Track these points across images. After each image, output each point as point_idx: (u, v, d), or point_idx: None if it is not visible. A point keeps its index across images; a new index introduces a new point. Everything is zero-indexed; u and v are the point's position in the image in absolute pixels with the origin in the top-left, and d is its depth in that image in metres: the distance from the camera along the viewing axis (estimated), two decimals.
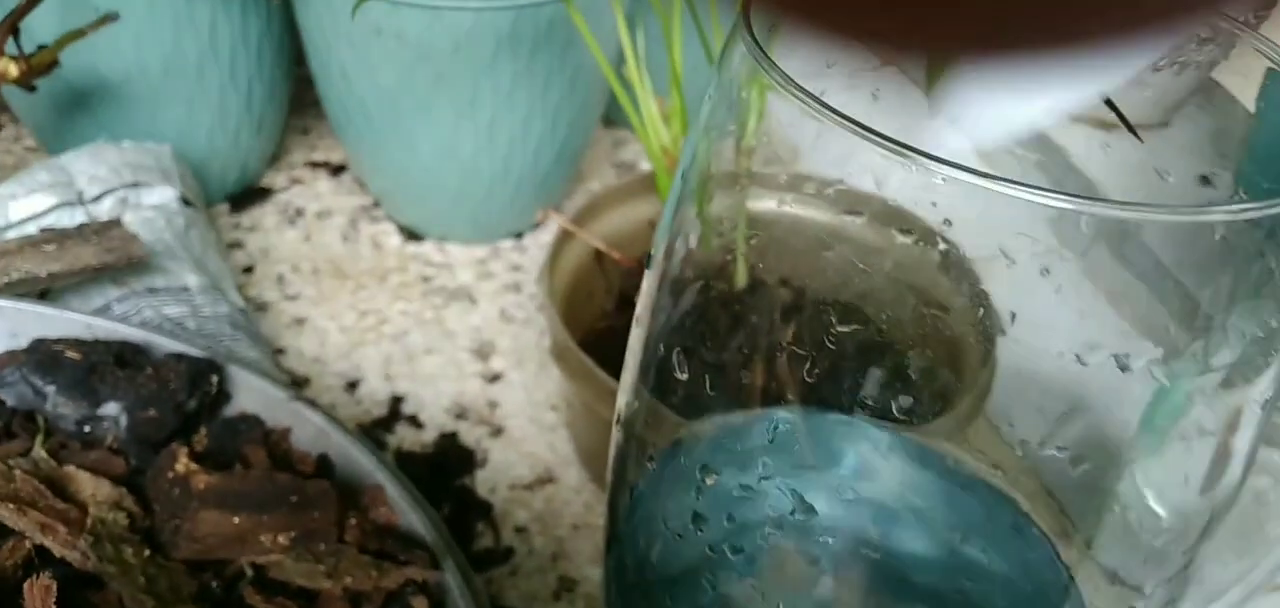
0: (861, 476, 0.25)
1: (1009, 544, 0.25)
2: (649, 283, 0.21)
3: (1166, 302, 0.20)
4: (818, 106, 0.17)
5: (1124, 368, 0.18)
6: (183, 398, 0.29)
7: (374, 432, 0.39)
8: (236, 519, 0.26)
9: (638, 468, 0.22)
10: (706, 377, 0.22)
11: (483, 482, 0.38)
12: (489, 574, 0.35)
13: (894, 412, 0.24)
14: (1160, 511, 0.20)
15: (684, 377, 0.21)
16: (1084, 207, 0.15)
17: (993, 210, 0.17)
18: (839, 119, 0.16)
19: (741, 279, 0.24)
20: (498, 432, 0.40)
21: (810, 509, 0.23)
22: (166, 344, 0.32)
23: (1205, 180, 0.25)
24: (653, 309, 0.21)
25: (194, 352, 0.31)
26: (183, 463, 0.27)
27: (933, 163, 0.16)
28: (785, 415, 0.24)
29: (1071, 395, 0.20)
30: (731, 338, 0.23)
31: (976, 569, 0.25)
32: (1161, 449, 0.19)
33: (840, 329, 0.23)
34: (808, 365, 0.24)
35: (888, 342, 0.24)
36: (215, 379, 0.30)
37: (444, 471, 0.38)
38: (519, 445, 0.39)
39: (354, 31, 0.37)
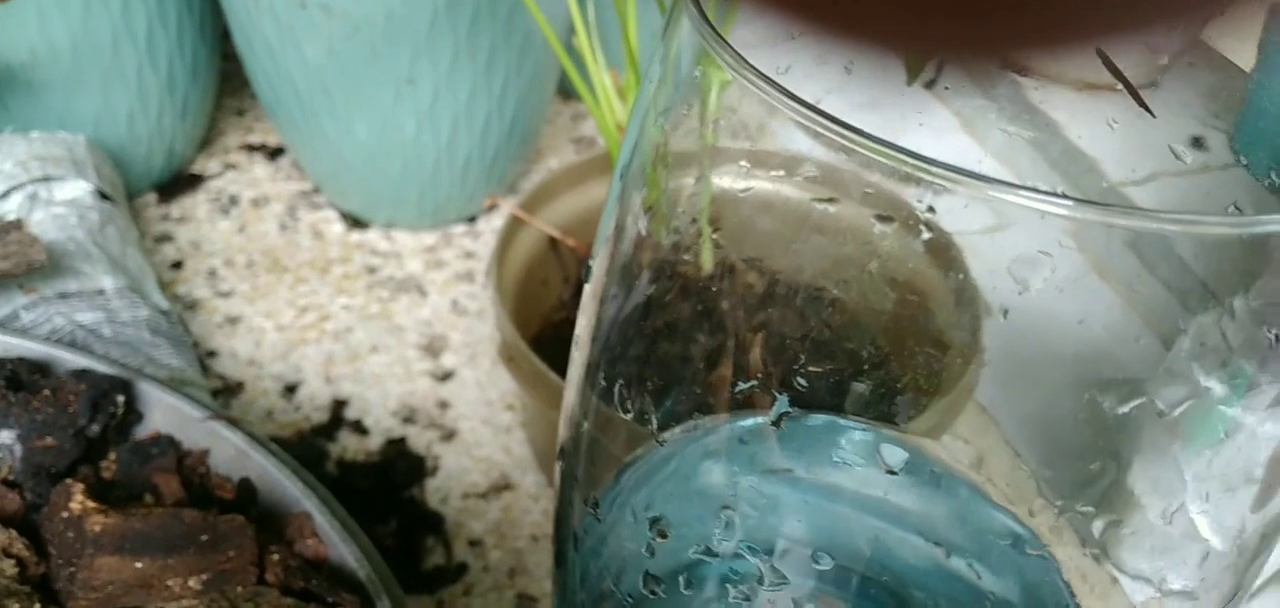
0: (831, 485, 0.23)
1: (1004, 559, 0.23)
2: (588, 297, 0.18)
3: (1195, 307, 0.17)
4: (775, 93, 0.14)
5: (1168, 377, 0.16)
6: (84, 422, 0.26)
7: (314, 440, 0.36)
8: (138, 564, 0.23)
9: (582, 515, 0.19)
10: (656, 396, 0.19)
11: (433, 492, 0.35)
12: (440, 596, 0.32)
13: (865, 408, 0.21)
14: (1210, 534, 0.17)
15: (632, 396, 0.19)
16: (1106, 217, 0.13)
17: (982, 201, 0.15)
18: (802, 110, 0.14)
19: (706, 264, 0.21)
20: (449, 435, 0.37)
21: (763, 537, 0.21)
22: (71, 360, 0.29)
23: (1197, 142, 0.22)
24: (593, 330, 0.18)
25: (100, 368, 0.28)
26: (78, 502, 0.24)
27: (922, 166, 0.13)
28: (742, 421, 0.21)
29: (1102, 417, 0.18)
30: (687, 345, 0.20)
31: (965, 588, 0.23)
32: (1209, 466, 0.17)
33: (798, 313, 0.21)
34: (765, 359, 0.21)
35: (861, 330, 0.22)
36: (121, 399, 0.27)
37: (391, 481, 0.35)
38: (472, 450, 0.37)
39: (276, 3, 0.34)
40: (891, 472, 0.21)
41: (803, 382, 0.19)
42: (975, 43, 0.07)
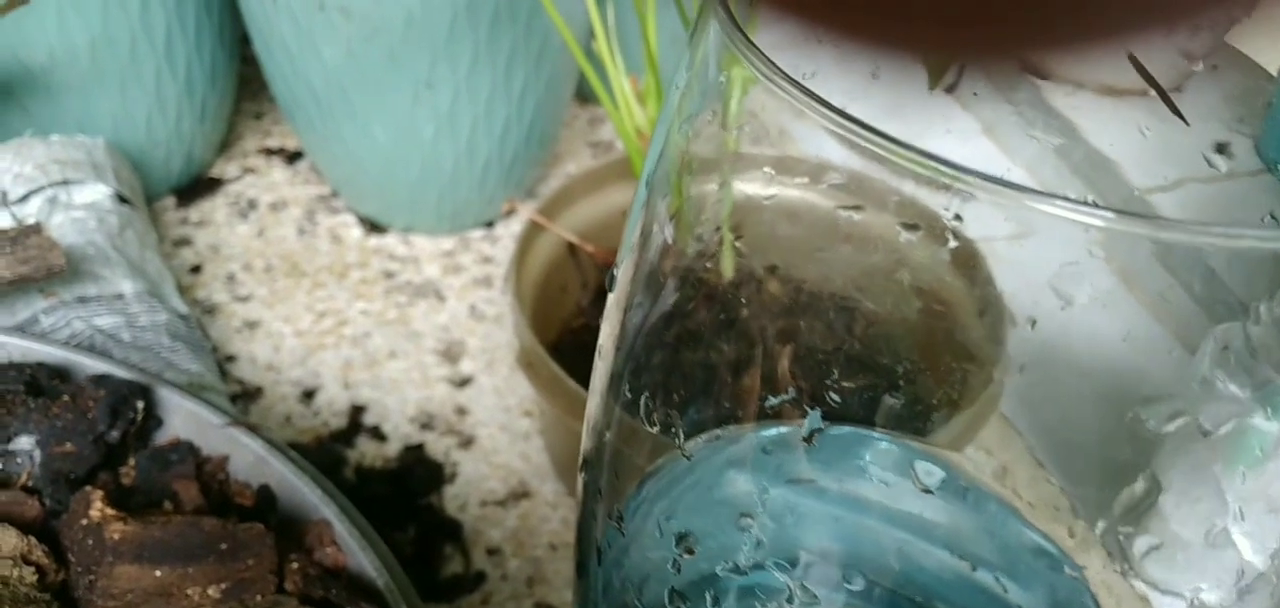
0: (856, 497, 0.22)
1: (1031, 573, 0.22)
2: (612, 306, 0.18)
3: (1224, 318, 0.17)
4: (804, 99, 0.13)
5: (1208, 393, 0.16)
6: (103, 428, 0.26)
7: (332, 446, 0.36)
8: (158, 573, 0.23)
9: (605, 527, 0.19)
10: (681, 407, 0.19)
11: (451, 499, 0.35)
12: (459, 604, 0.32)
13: (898, 423, 0.21)
14: (1251, 555, 0.17)
15: (656, 406, 0.18)
16: (1149, 230, 0.12)
17: (1017, 211, 0.14)
18: (832, 116, 0.13)
19: (727, 272, 0.21)
20: (467, 442, 0.37)
21: (788, 549, 0.20)
22: (90, 365, 0.29)
23: (1222, 148, 0.22)
24: (617, 339, 0.18)
25: (119, 373, 0.28)
26: (97, 509, 0.24)
27: (955, 173, 0.13)
28: (766, 431, 0.21)
29: (1133, 438, 0.17)
30: (712, 355, 0.20)
31: (991, 602, 0.22)
32: (1247, 484, 0.16)
33: (824, 323, 0.20)
34: (791, 369, 0.21)
35: (886, 340, 0.21)
36: (140, 405, 0.27)
37: (408, 488, 0.35)
38: (490, 457, 0.36)
39: (295, 5, 0.34)
40: (927, 490, 0.20)
41: (835, 397, 0.19)
42: (996, 45, 0.07)
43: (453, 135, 0.38)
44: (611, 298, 0.18)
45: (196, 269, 0.41)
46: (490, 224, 0.44)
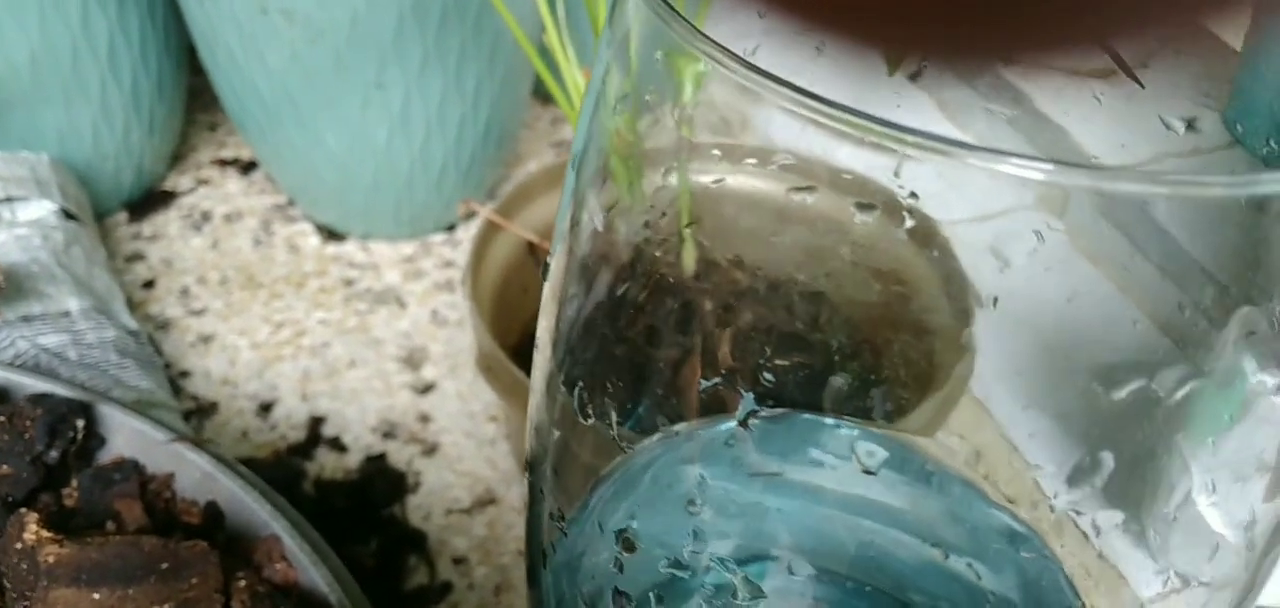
0: (820, 488, 0.22)
1: (1003, 557, 0.22)
2: (547, 297, 0.17)
3: (1190, 285, 0.16)
4: (739, 69, 0.13)
5: (1167, 360, 0.15)
6: (41, 448, 0.25)
7: (291, 460, 0.35)
8: (96, 595, 0.22)
9: (552, 499, 0.18)
10: (622, 381, 0.18)
11: (415, 509, 0.34)
12: None
13: (856, 407, 0.20)
14: (1215, 525, 0.16)
15: (596, 401, 0.18)
16: (1093, 181, 0.12)
17: (968, 178, 0.14)
18: (768, 83, 0.13)
19: (688, 264, 0.20)
20: (431, 450, 0.36)
21: (752, 546, 0.20)
22: (29, 384, 0.28)
23: (1190, 124, 0.21)
24: (553, 333, 0.17)
25: (59, 392, 0.27)
26: (32, 531, 0.23)
27: (895, 133, 0.12)
28: (722, 425, 0.20)
29: (1087, 392, 0.17)
30: (654, 331, 0.19)
31: (964, 588, 0.22)
32: (1214, 448, 0.16)
33: (781, 310, 0.20)
34: (748, 359, 0.20)
35: (848, 326, 0.21)
36: (81, 423, 0.26)
37: (370, 500, 0.34)
38: (455, 464, 0.35)
39: (237, 11, 0.33)
40: (868, 471, 0.20)
41: (769, 377, 0.18)
42: (970, 45, 0.07)
43: (406, 138, 0.37)
44: (547, 288, 0.17)
45: (149, 284, 0.40)
46: (451, 228, 0.43)
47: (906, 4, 0.06)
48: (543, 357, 0.17)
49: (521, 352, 0.34)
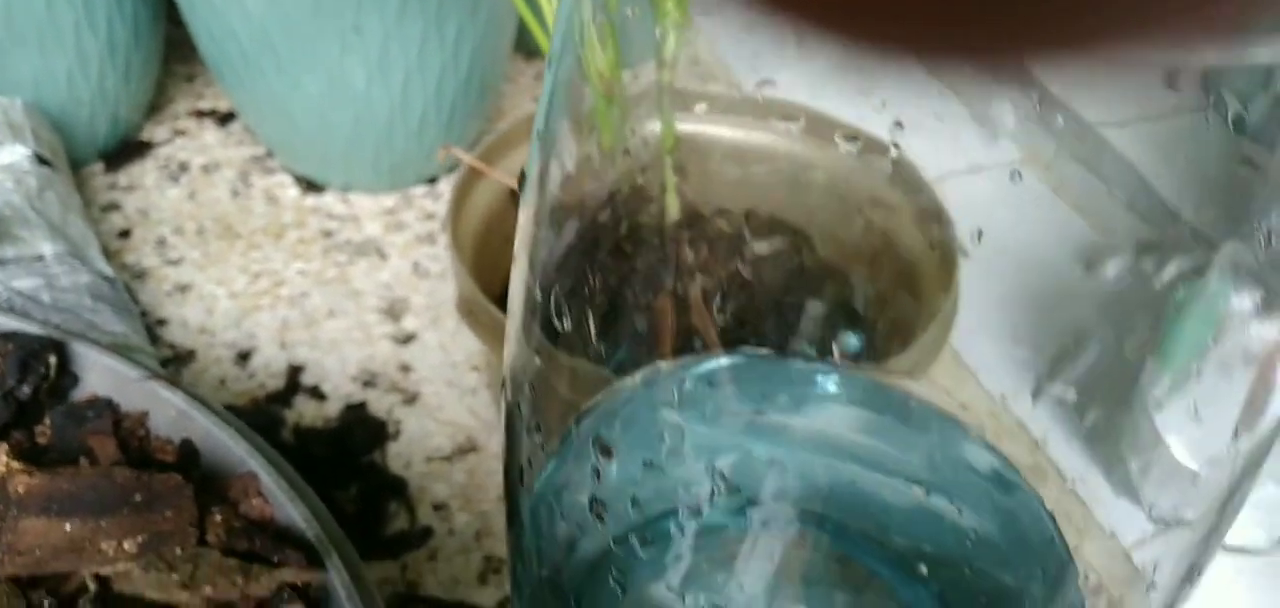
0: (802, 430, 0.21)
1: (985, 496, 0.22)
2: (524, 220, 0.17)
3: (1156, 214, 0.16)
4: None
5: (1136, 283, 0.15)
6: (13, 384, 0.25)
7: (269, 408, 0.34)
8: (67, 526, 0.22)
9: (529, 444, 0.18)
10: (599, 326, 0.18)
11: (395, 456, 0.34)
12: (405, 559, 0.31)
13: (840, 351, 0.20)
14: (1185, 460, 0.16)
15: (571, 329, 0.17)
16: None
17: (950, 111, 0.14)
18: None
19: (672, 210, 0.20)
20: (412, 399, 0.36)
21: (734, 488, 0.19)
22: (1, 321, 0.27)
23: (1170, 81, 0.21)
24: (530, 254, 0.17)
25: (29, 329, 0.26)
26: (1, 462, 0.22)
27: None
28: (703, 366, 0.20)
29: (1065, 329, 0.17)
30: (634, 275, 0.19)
31: (946, 527, 0.22)
32: (1183, 387, 0.16)
33: (765, 253, 0.19)
34: (729, 302, 0.20)
35: (830, 269, 0.21)
36: (53, 360, 0.26)
37: (350, 447, 0.34)
38: (436, 413, 0.35)
39: None
40: (849, 412, 0.19)
41: (750, 320, 0.18)
42: (984, 48, 0.06)
43: (385, 85, 0.37)
44: (520, 221, 0.17)
45: (125, 234, 0.39)
46: (433, 181, 0.43)
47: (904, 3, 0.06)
48: (518, 287, 0.17)
49: (503, 299, 0.34)
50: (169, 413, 0.26)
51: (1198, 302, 0.16)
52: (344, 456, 0.34)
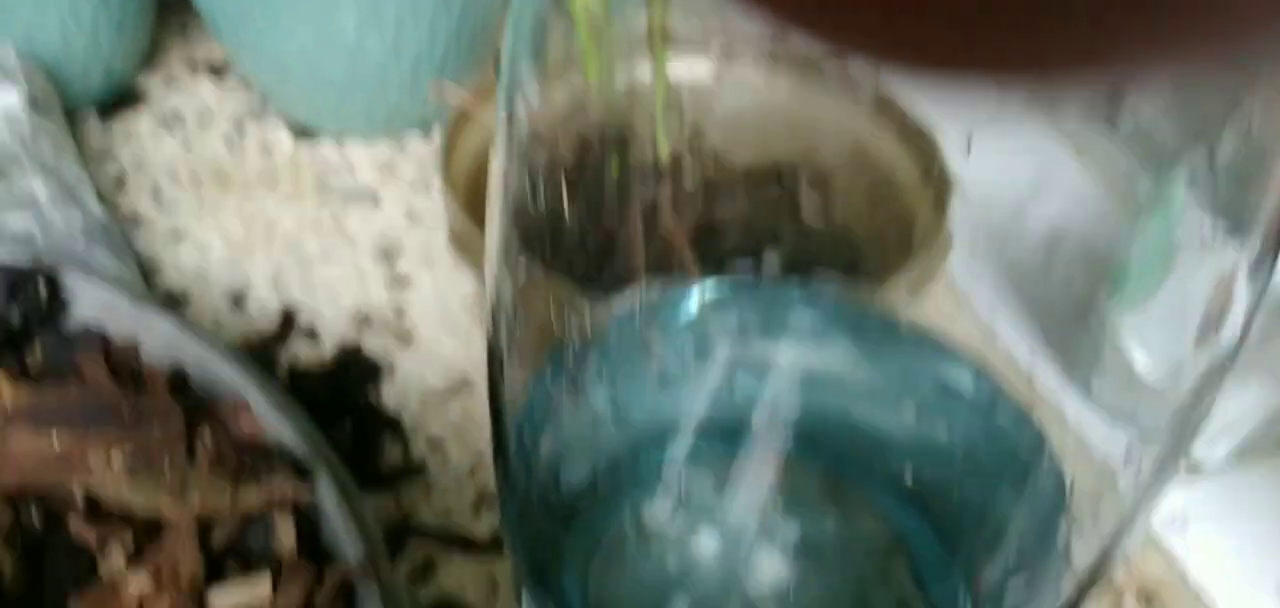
0: (790, 356, 0.21)
1: (974, 415, 0.21)
2: (500, 147, 0.16)
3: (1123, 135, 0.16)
4: None
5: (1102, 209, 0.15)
6: (1, 308, 0.25)
7: (264, 349, 0.34)
8: (56, 440, 0.22)
9: (511, 375, 0.18)
10: (581, 257, 0.18)
11: (390, 395, 0.34)
12: (399, 492, 0.31)
13: (828, 278, 0.20)
14: (1148, 368, 0.16)
15: (550, 259, 0.17)
16: None
17: None
18: None
19: (661, 145, 0.20)
20: (406, 340, 0.36)
21: (721, 414, 0.19)
22: None
23: None
24: (503, 186, 0.16)
25: (17, 260, 0.26)
26: None
27: None
28: (689, 292, 0.20)
29: (1033, 248, 0.16)
30: (615, 206, 0.18)
31: (937, 448, 0.22)
32: (1145, 300, 0.16)
33: (750, 185, 0.19)
34: (714, 231, 0.20)
35: (820, 199, 0.21)
36: (42, 287, 0.26)
37: (344, 386, 0.34)
38: (431, 353, 0.35)
39: None
40: (836, 338, 0.19)
41: (737, 248, 0.18)
42: (997, 64, 0.06)
43: (378, 29, 0.37)
44: (492, 162, 0.17)
45: (119, 182, 0.39)
46: (427, 129, 0.43)
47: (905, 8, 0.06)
48: (496, 221, 0.17)
49: None
50: (160, 340, 0.26)
51: (1158, 216, 0.15)
52: (339, 394, 0.34)
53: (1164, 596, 0.31)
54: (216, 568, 0.21)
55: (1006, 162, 0.16)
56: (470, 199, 0.33)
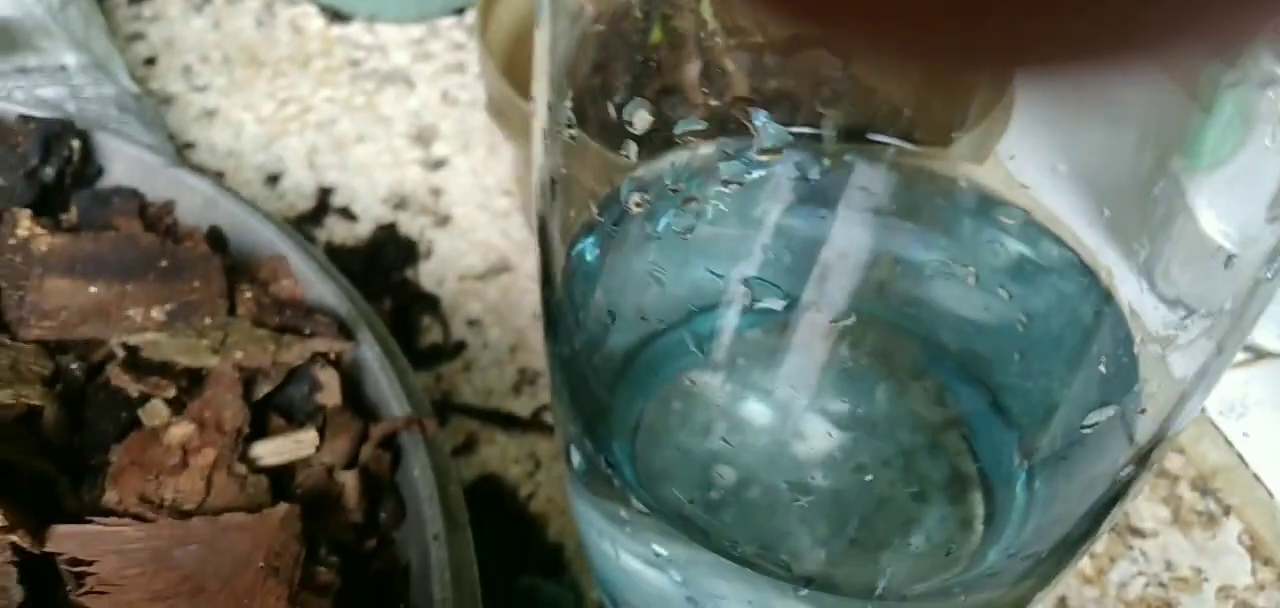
0: (847, 220, 0.20)
1: (1036, 278, 0.20)
2: (542, 25, 0.15)
3: None
4: None
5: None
6: (36, 163, 0.24)
7: (300, 227, 0.34)
8: (93, 289, 0.21)
9: (564, 235, 0.17)
10: (632, 118, 0.17)
11: (428, 274, 0.33)
12: (438, 370, 0.31)
13: (887, 141, 0.19)
14: (1219, 234, 0.15)
15: (600, 124, 0.16)
16: None
17: None
18: None
19: (706, 12, 0.18)
20: (444, 221, 0.35)
21: (776, 275, 0.19)
22: (19, 111, 0.26)
23: None
24: (550, 51, 0.15)
25: (49, 115, 0.26)
26: (25, 227, 0.22)
27: None
28: (745, 152, 0.19)
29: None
30: (667, 69, 0.17)
31: (997, 315, 0.21)
32: (1219, 164, 0.15)
33: (805, 52, 0.18)
34: (770, 96, 0.19)
35: (877, 69, 0.19)
36: (76, 144, 0.25)
37: (382, 265, 0.33)
38: (468, 234, 0.34)
39: None
40: (897, 202, 0.18)
41: (798, 110, 0.17)
42: (975, 52, 0.06)
43: None
44: (538, 29, 0.16)
45: (150, 62, 0.39)
46: (460, 11, 0.42)
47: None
48: (543, 83, 0.16)
49: None
50: (196, 201, 0.26)
51: (1231, 94, 0.14)
52: (376, 272, 0.33)
53: (1220, 483, 0.30)
54: (259, 422, 0.21)
55: None
56: (508, 68, 0.32)
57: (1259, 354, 0.32)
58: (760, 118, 0.19)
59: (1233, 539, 0.29)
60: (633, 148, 0.17)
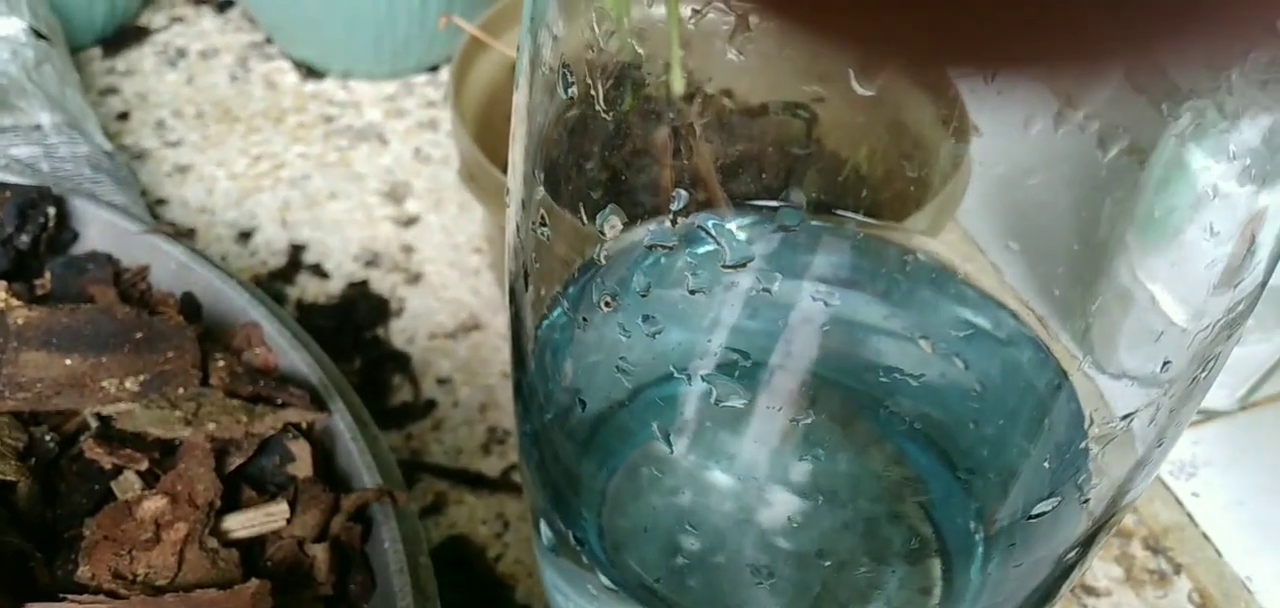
0: (806, 292, 0.21)
1: (989, 348, 0.21)
2: (521, 82, 0.16)
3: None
4: None
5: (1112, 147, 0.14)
6: (11, 231, 0.25)
7: (272, 284, 0.34)
8: (68, 361, 0.21)
9: (534, 300, 0.18)
10: (600, 190, 0.17)
11: (399, 332, 0.34)
12: (409, 429, 0.31)
13: (845, 215, 0.20)
14: (1168, 309, 0.16)
15: (571, 193, 0.17)
16: None
17: None
18: None
19: (677, 83, 0.19)
20: (415, 278, 0.35)
21: (737, 348, 0.19)
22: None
23: None
24: (527, 117, 0.16)
25: (25, 181, 0.26)
26: (1, 298, 0.22)
27: None
28: (708, 226, 0.20)
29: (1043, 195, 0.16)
30: (635, 141, 0.18)
31: (951, 383, 0.21)
32: (1167, 241, 0.15)
33: (769, 124, 0.19)
34: (733, 167, 0.19)
35: (838, 140, 0.20)
36: (51, 211, 0.25)
37: (353, 322, 0.34)
38: (439, 292, 0.35)
39: None
40: (852, 275, 0.19)
41: (753, 186, 0.18)
42: (948, 51, 0.06)
43: None
44: (519, 79, 0.16)
45: (124, 116, 0.39)
46: (434, 69, 0.42)
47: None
48: (519, 158, 0.16)
49: (505, 168, 0.33)
50: (170, 266, 0.26)
51: (1178, 169, 0.15)
52: (348, 330, 0.33)
53: (1172, 542, 0.31)
54: (231, 493, 0.21)
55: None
56: (480, 132, 0.33)
57: (1208, 415, 0.34)
58: (727, 228, 0.20)
59: (1183, 597, 0.30)
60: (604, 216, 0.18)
